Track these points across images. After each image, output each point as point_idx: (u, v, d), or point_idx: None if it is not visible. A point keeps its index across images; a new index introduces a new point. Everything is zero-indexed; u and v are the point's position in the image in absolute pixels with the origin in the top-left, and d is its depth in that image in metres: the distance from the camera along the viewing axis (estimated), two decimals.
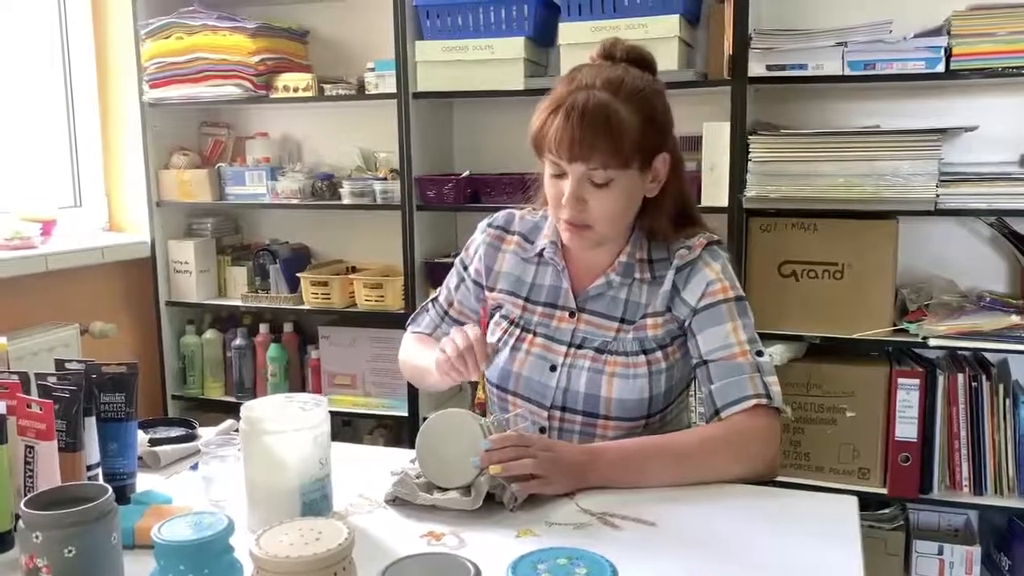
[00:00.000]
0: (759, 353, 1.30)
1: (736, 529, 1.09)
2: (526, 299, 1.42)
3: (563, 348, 1.37)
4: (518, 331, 1.41)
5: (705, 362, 1.30)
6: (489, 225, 1.49)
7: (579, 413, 1.35)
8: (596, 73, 1.27)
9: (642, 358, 1.33)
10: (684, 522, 1.11)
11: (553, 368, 1.36)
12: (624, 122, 1.23)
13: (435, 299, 1.58)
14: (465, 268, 1.52)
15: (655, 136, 1.27)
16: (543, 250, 1.41)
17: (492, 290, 1.47)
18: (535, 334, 1.40)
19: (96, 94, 2.82)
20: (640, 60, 1.33)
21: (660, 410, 1.35)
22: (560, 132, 1.24)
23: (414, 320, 1.62)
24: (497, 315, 1.47)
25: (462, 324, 1.50)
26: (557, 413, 1.36)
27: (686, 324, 1.33)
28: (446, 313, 1.56)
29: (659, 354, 1.34)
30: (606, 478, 1.21)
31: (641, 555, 1.02)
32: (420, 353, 1.51)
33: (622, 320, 1.35)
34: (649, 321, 1.34)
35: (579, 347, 1.36)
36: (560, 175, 1.28)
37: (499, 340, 1.43)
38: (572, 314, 1.38)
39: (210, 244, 2.88)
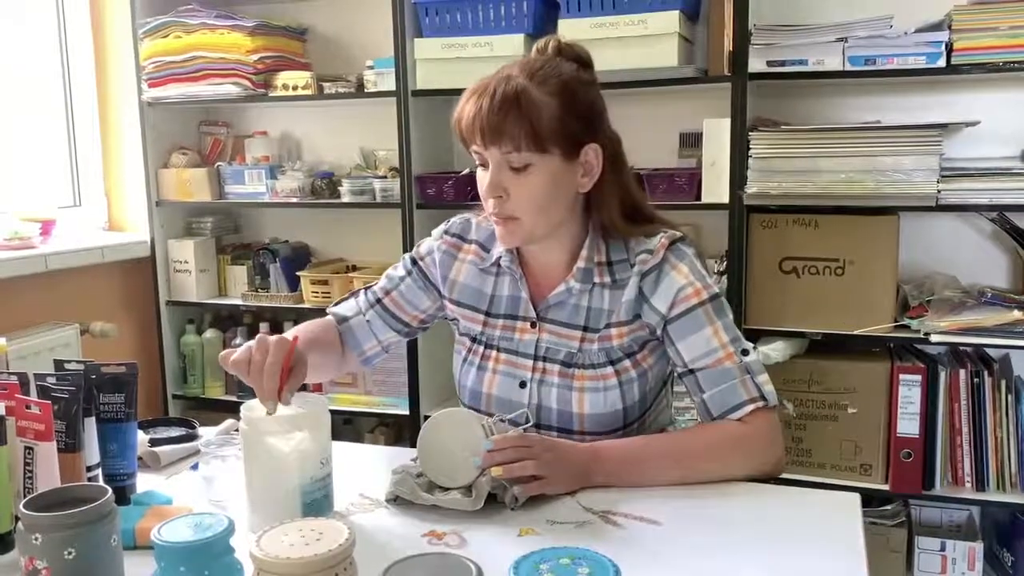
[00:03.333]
0: (744, 352, 1.26)
1: (738, 527, 1.09)
2: (486, 313, 1.38)
3: (529, 362, 1.34)
4: (482, 348, 1.38)
5: (691, 371, 1.27)
6: (446, 232, 1.44)
7: (553, 429, 1.32)
8: (517, 63, 1.26)
9: (610, 369, 1.30)
10: (687, 520, 1.10)
11: (523, 384, 1.34)
12: (536, 103, 1.20)
13: (370, 287, 1.49)
14: (415, 263, 1.45)
15: (577, 124, 1.24)
16: (500, 259, 1.37)
17: (451, 301, 1.42)
18: (499, 349, 1.36)
19: (95, 93, 2.81)
20: (571, 55, 1.30)
21: (637, 418, 1.33)
22: (473, 117, 1.22)
23: (339, 303, 1.50)
24: (458, 333, 1.43)
25: (392, 315, 1.45)
26: (532, 430, 1.32)
27: (659, 332, 1.29)
28: (378, 301, 1.46)
29: (627, 362, 1.31)
30: (609, 477, 1.20)
31: (644, 554, 1.01)
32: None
33: (585, 328, 1.31)
34: (614, 331, 1.30)
35: (545, 359, 1.33)
36: (484, 164, 1.26)
37: (464, 360, 1.39)
38: (533, 324, 1.34)
39: (210, 243, 2.88)
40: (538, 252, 1.34)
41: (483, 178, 1.26)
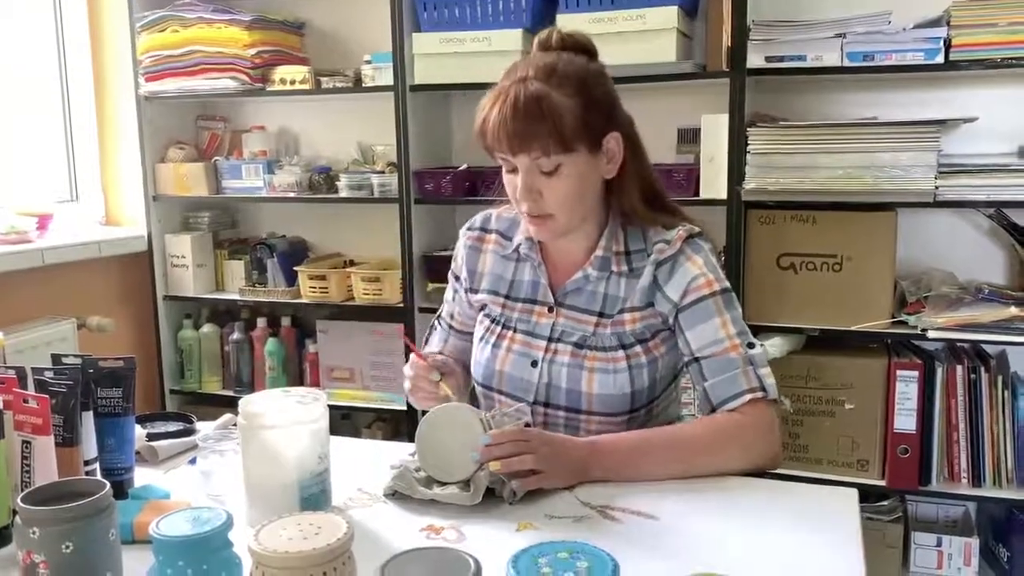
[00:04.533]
0: (750, 345, 1.29)
1: (737, 522, 1.09)
2: (506, 296, 1.42)
3: (543, 343, 1.37)
4: (499, 328, 1.41)
5: (697, 359, 1.29)
6: (468, 228, 1.49)
7: (562, 408, 1.35)
8: (530, 63, 1.27)
9: (621, 353, 1.32)
10: (684, 515, 1.11)
11: (534, 364, 1.36)
12: (558, 106, 1.22)
13: (440, 316, 1.58)
14: (457, 279, 1.52)
15: (597, 116, 1.26)
16: (520, 246, 1.41)
17: (477, 292, 1.47)
18: (515, 331, 1.40)
19: (92, 88, 2.80)
20: (576, 46, 1.32)
21: (644, 404, 1.34)
22: (498, 127, 1.24)
23: (427, 340, 1.62)
24: (481, 314, 1.47)
25: (466, 334, 1.52)
26: (540, 408, 1.36)
27: (670, 320, 1.32)
28: (451, 327, 1.55)
29: (638, 348, 1.33)
30: (607, 471, 1.21)
31: (642, 548, 1.02)
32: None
33: (600, 314, 1.34)
34: (627, 316, 1.33)
35: (559, 341, 1.36)
36: (512, 170, 1.29)
37: (481, 338, 1.44)
38: (551, 309, 1.38)
39: (207, 238, 2.87)
40: (559, 240, 1.36)
41: (512, 182, 1.29)
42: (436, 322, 1.59)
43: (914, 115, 2.16)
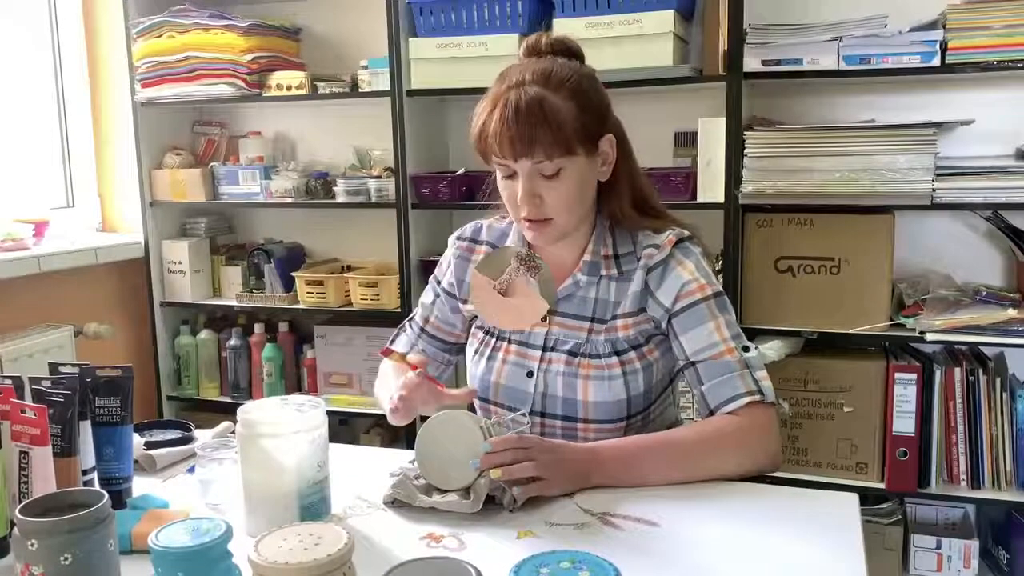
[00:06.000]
0: (745, 348, 1.29)
1: (738, 528, 1.09)
2: None
3: (538, 353, 1.36)
4: (493, 340, 1.41)
5: (692, 364, 1.29)
6: (458, 238, 1.49)
7: (559, 417, 1.35)
8: (524, 69, 1.27)
9: (615, 359, 1.32)
10: (685, 521, 1.10)
11: (530, 374, 1.36)
12: (559, 110, 1.23)
13: (411, 319, 1.56)
14: (439, 283, 1.51)
15: (593, 119, 1.27)
16: None
17: (466, 302, 1.46)
18: (510, 341, 1.39)
19: (88, 94, 2.80)
20: (566, 51, 1.33)
21: (641, 410, 1.34)
22: (499, 133, 1.24)
23: (393, 340, 1.57)
24: (473, 326, 1.47)
25: (438, 339, 1.52)
26: (537, 419, 1.36)
27: (663, 325, 1.32)
28: (422, 330, 1.53)
29: (632, 354, 1.33)
30: (608, 478, 1.20)
31: (643, 556, 1.01)
32: (384, 391, 1.45)
33: (593, 320, 1.35)
34: (620, 322, 1.33)
35: (553, 349, 1.35)
36: (510, 176, 1.29)
37: (475, 351, 1.43)
38: (544, 318, 1.37)
39: (204, 244, 2.87)
40: (549, 247, 1.36)
41: (510, 187, 1.29)
42: (407, 324, 1.56)
43: (911, 118, 2.17)
